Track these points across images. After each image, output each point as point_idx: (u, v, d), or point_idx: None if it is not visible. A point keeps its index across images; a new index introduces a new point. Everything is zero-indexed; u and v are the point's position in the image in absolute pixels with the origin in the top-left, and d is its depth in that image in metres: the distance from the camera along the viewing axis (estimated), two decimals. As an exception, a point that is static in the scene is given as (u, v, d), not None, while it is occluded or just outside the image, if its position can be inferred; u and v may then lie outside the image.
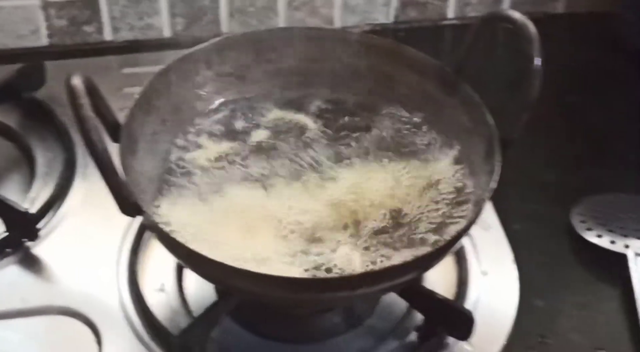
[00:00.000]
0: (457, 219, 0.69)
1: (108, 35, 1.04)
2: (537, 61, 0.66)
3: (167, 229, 0.66)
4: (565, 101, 1.01)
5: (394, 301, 0.73)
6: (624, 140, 0.96)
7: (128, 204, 0.61)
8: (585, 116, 0.99)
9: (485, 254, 0.78)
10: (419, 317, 0.72)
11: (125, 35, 1.05)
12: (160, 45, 1.04)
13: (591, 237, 0.83)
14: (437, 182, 0.72)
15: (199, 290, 0.74)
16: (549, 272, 0.81)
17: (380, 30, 1.09)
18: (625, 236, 0.82)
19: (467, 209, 0.70)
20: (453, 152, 0.74)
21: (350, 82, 0.79)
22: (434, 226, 0.69)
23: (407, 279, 0.64)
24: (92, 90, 0.62)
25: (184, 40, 1.03)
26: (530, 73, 0.66)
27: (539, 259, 0.82)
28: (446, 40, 1.10)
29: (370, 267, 0.65)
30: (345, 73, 0.79)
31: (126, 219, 0.64)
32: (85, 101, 0.59)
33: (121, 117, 0.68)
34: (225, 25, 1.05)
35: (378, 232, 0.69)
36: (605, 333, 0.76)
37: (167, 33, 1.05)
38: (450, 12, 1.10)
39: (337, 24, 1.08)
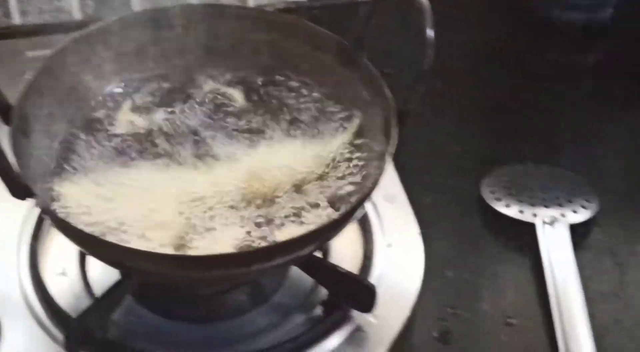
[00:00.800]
0: (355, 192, 0.69)
1: (16, 19, 1.02)
2: (430, 32, 0.66)
3: (62, 210, 0.65)
4: (475, 73, 1.02)
5: (301, 277, 0.72)
6: (532, 110, 0.97)
7: (18, 187, 0.60)
8: (494, 88, 1.00)
9: (390, 226, 0.78)
10: (325, 291, 0.72)
11: (34, 18, 1.03)
12: (70, 27, 1.02)
13: (500, 207, 0.84)
14: (338, 155, 0.72)
15: (103, 272, 0.73)
16: (459, 243, 0.82)
17: (295, 9, 1.08)
18: (533, 205, 0.83)
19: (366, 181, 0.70)
20: (353, 125, 0.74)
21: (251, 58, 0.79)
22: (333, 199, 0.69)
23: (305, 253, 0.64)
24: (-23, 72, 0.61)
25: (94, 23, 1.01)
26: (423, 44, 0.66)
27: (449, 230, 0.83)
28: (360, 17, 1.09)
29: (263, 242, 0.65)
30: (246, 49, 0.78)
31: (28, 204, 0.63)
32: (-33, 83, 0.58)
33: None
34: (136, 6, 1.03)
35: (280, 207, 0.68)
36: (515, 302, 0.77)
37: (77, 15, 1.03)
38: (365, -11, 1.10)
39: (251, 3, 1.07)
